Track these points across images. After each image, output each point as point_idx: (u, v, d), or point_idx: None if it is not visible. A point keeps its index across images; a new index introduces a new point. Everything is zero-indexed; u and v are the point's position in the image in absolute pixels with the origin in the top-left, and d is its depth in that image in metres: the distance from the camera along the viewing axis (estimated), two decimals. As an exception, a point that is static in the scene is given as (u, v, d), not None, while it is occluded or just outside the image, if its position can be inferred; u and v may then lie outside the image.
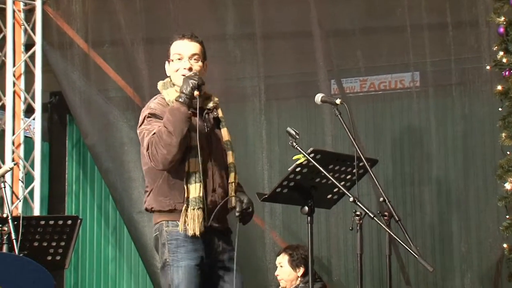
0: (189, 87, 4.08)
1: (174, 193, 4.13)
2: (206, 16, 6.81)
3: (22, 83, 7.12)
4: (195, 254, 4.10)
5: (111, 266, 7.92)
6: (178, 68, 4.25)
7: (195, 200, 4.07)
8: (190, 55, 4.26)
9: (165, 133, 4.03)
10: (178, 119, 4.04)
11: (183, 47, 4.26)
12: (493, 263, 6.18)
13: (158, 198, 4.16)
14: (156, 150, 4.03)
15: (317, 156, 3.90)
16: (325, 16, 6.61)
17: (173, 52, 4.28)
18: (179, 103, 4.08)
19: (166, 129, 4.03)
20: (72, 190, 8.00)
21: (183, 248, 4.10)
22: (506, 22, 5.59)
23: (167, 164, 4.07)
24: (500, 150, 5.69)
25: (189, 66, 4.23)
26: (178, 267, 4.09)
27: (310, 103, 4.55)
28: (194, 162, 4.09)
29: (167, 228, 4.14)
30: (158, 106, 4.22)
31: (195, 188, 4.08)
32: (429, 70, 6.45)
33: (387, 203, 3.95)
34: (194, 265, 4.09)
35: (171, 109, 4.09)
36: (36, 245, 4.98)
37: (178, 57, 4.25)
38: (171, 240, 4.12)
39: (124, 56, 7.05)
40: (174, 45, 4.30)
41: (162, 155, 4.03)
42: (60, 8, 7.19)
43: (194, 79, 4.12)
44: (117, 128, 7.02)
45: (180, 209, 4.09)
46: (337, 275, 6.49)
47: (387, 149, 6.67)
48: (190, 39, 4.29)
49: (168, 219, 4.14)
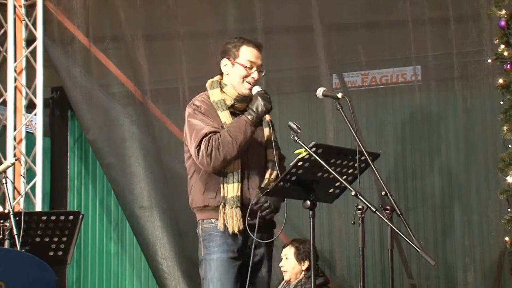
0: (263, 109, 4.17)
1: (209, 191, 4.22)
2: (207, 11, 6.81)
3: (23, 78, 7.12)
4: (227, 247, 4.18)
5: (113, 261, 7.93)
6: (246, 75, 4.28)
7: (232, 199, 4.15)
8: (259, 66, 4.31)
9: (229, 142, 4.11)
10: (247, 136, 4.13)
11: (256, 57, 4.30)
12: (495, 257, 6.17)
13: (196, 195, 4.27)
14: (213, 152, 4.10)
15: (319, 150, 3.89)
16: (326, 10, 6.60)
17: (246, 57, 4.28)
18: (250, 121, 4.15)
19: (231, 139, 4.11)
20: (74, 186, 8.00)
21: (215, 242, 4.19)
22: (507, 15, 5.58)
23: (216, 168, 4.15)
24: (502, 143, 5.69)
25: (257, 77, 4.28)
26: (210, 260, 4.19)
27: (312, 98, 4.56)
28: (233, 162, 4.17)
29: (202, 226, 4.25)
30: (202, 104, 4.26)
31: (233, 188, 4.16)
32: (430, 64, 6.44)
33: (389, 197, 3.94)
34: (227, 258, 4.17)
35: (244, 124, 4.15)
36: (38, 241, 4.97)
37: (250, 64, 4.28)
38: (205, 236, 4.23)
39: (125, 51, 7.05)
40: (247, 50, 4.30)
41: (218, 159, 4.11)
42: (61, 4, 7.19)
43: (269, 101, 4.19)
44: (118, 123, 7.03)
45: (212, 206, 4.20)
46: (340, 269, 6.49)
47: (389, 143, 6.66)
48: (259, 48, 4.33)
49: (204, 217, 4.25)
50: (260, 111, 4.16)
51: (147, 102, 6.94)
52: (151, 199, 6.82)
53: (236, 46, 4.30)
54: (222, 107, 4.24)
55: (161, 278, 6.75)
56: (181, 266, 6.72)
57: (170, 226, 6.77)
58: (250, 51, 4.29)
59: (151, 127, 6.95)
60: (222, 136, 4.12)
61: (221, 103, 4.25)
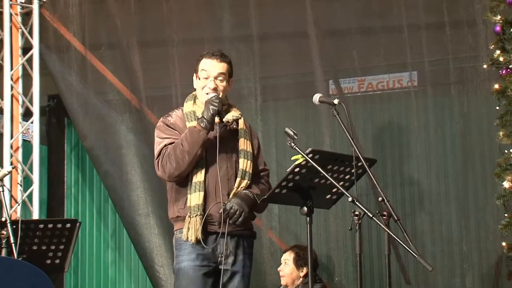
0: (210, 113, 4.25)
1: (178, 202, 4.33)
2: (202, 18, 6.81)
3: (20, 86, 7.11)
4: (194, 256, 4.25)
5: (111, 269, 7.91)
6: (204, 86, 4.40)
7: (196, 207, 4.23)
8: (217, 75, 4.39)
9: (179, 150, 4.23)
10: (195, 141, 4.23)
11: (211, 67, 4.40)
12: (493, 262, 6.17)
13: (170, 206, 4.40)
14: (166, 162, 4.26)
15: (316, 156, 3.90)
16: (321, 16, 6.61)
17: (201, 69, 4.42)
18: (200, 127, 4.25)
19: (181, 146, 4.23)
20: (71, 193, 7.99)
21: (184, 251, 4.28)
22: (503, 21, 5.59)
23: (172, 177, 4.30)
24: (498, 148, 5.69)
25: (214, 87, 4.36)
26: (178, 269, 4.30)
27: (308, 104, 4.57)
28: (197, 172, 4.27)
29: (175, 236, 4.37)
30: (176, 117, 4.43)
31: (197, 197, 4.24)
32: (427, 69, 6.45)
33: (386, 202, 3.95)
34: (193, 266, 4.24)
35: (191, 130, 4.27)
36: (35, 249, 4.97)
37: (205, 75, 4.39)
38: (176, 246, 4.35)
39: (121, 58, 7.05)
40: (203, 62, 4.43)
41: (171, 168, 4.25)
42: (57, 11, 7.19)
43: (214, 104, 4.26)
44: (115, 131, 7.02)
45: (182, 216, 4.29)
46: (338, 275, 6.48)
47: (386, 149, 6.66)
48: (219, 59, 4.41)
49: (176, 228, 4.37)
50: (206, 115, 4.25)
51: (144, 109, 6.93)
52: (148, 206, 6.81)
53: (198, 61, 4.46)
54: (191, 118, 4.36)
55: (158, 286, 6.74)
56: (178, 274, 6.70)
57: (167, 233, 6.75)
58: (206, 62, 4.41)
59: (147, 134, 6.93)
60: (174, 146, 4.27)
61: (190, 114, 4.38)
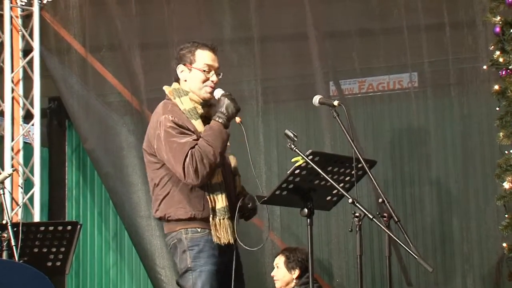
0: (233, 110, 4.10)
1: (193, 202, 4.14)
2: (203, 20, 6.81)
3: (20, 89, 7.12)
4: (215, 260, 4.16)
5: (112, 271, 7.91)
6: (205, 79, 4.21)
7: (223, 210, 4.11)
8: (216, 69, 4.25)
9: (211, 152, 4.03)
10: (224, 140, 4.08)
11: (213, 60, 4.24)
12: (494, 262, 6.17)
13: (175, 206, 4.17)
14: (199, 166, 4.02)
15: (316, 158, 3.91)
16: (321, 18, 6.61)
17: (203, 61, 4.22)
18: (221, 125, 4.09)
19: (211, 147, 4.04)
20: (72, 195, 7.99)
21: (205, 253, 4.14)
22: (502, 22, 5.59)
23: (204, 182, 4.08)
24: (498, 149, 5.69)
25: (216, 81, 4.22)
26: (201, 272, 4.13)
27: (308, 105, 4.56)
28: (216, 173, 4.13)
29: (186, 235, 4.15)
30: (176, 116, 4.14)
31: (221, 199, 4.12)
32: (427, 70, 6.45)
33: (386, 204, 3.95)
34: (214, 270, 4.15)
35: (218, 129, 4.08)
36: (36, 251, 4.98)
37: (208, 68, 4.21)
38: (192, 247, 4.14)
39: (121, 60, 7.05)
40: (202, 54, 4.23)
41: (204, 173, 4.04)
42: (57, 14, 7.19)
43: (236, 102, 4.13)
44: (116, 133, 7.03)
45: (198, 218, 4.13)
46: (339, 277, 6.49)
47: (386, 150, 6.66)
48: (215, 51, 4.26)
49: (187, 227, 4.15)
50: (230, 112, 4.11)
51: (144, 111, 6.93)
52: (149, 208, 6.79)
53: (191, 51, 4.23)
54: (195, 116, 4.17)
55: (159, 288, 6.75)
56: (179, 275, 6.71)
57: (168, 235, 6.76)
58: (207, 55, 4.23)
59: (148, 136, 6.94)
60: (202, 148, 4.05)
61: (193, 112, 4.17)
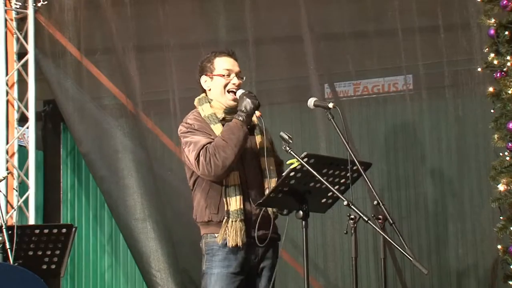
0: (251, 106, 4.16)
1: (210, 205, 4.23)
2: (198, 22, 6.81)
3: (15, 92, 7.10)
4: (228, 262, 4.19)
5: (107, 274, 7.91)
6: (226, 83, 4.32)
7: (236, 212, 4.16)
8: (238, 72, 4.34)
9: (225, 146, 4.10)
10: (239, 136, 4.13)
11: (232, 65, 4.34)
12: (489, 265, 6.18)
13: (199, 210, 4.28)
14: (211, 160, 4.10)
15: (311, 160, 3.90)
16: (316, 20, 6.62)
17: (222, 67, 4.33)
18: (240, 122, 4.15)
19: (225, 143, 4.11)
20: (67, 198, 7.98)
21: (217, 257, 4.21)
22: (497, 24, 5.59)
23: (217, 177, 4.15)
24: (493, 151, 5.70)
25: (239, 83, 4.31)
26: (211, 274, 4.21)
27: (303, 108, 4.56)
28: (232, 175, 4.19)
29: (206, 240, 4.26)
30: (195, 122, 4.27)
31: (236, 201, 4.17)
32: (421, 72, 6.46)
33: (381, 206, 3.95)
34: (226, 273, 4.18)
35: (233, 125, 4.16)
36: (31, 254, 4.97)
37: (227, 72, 4.31)
38: (208, 251, 4.25)
39: (116, 63, 7.05)
40: (221, 61, 4.35)
41: (217, 166, 4.10)
42: (52, 17, 7.18)
43: (255, 98, 4.19)
44: (111, 136, 7.02)
45: (215, 221, 4.21)
46: (334, 279, 6.49)
47: (381, 152, 6.67)
48: (234, 57, 4.37)
49: (207, 232, 4.26)
50: (248, 108, 4.17)
51: (139, 113, 6.93)
52: (144, 211, 6.80)
53: (210, 60, 4.37)
54: (215, 121, 4.27)
55: (154, 291, 6.73)
56: (175, 278, 6.70)
57: (163, 238, 6.76)
58: (224, 60, 4.35)
59: (143, 138, 6.94)
60: (216, 143, 4.14)
61: (212, 117, 4.28)
